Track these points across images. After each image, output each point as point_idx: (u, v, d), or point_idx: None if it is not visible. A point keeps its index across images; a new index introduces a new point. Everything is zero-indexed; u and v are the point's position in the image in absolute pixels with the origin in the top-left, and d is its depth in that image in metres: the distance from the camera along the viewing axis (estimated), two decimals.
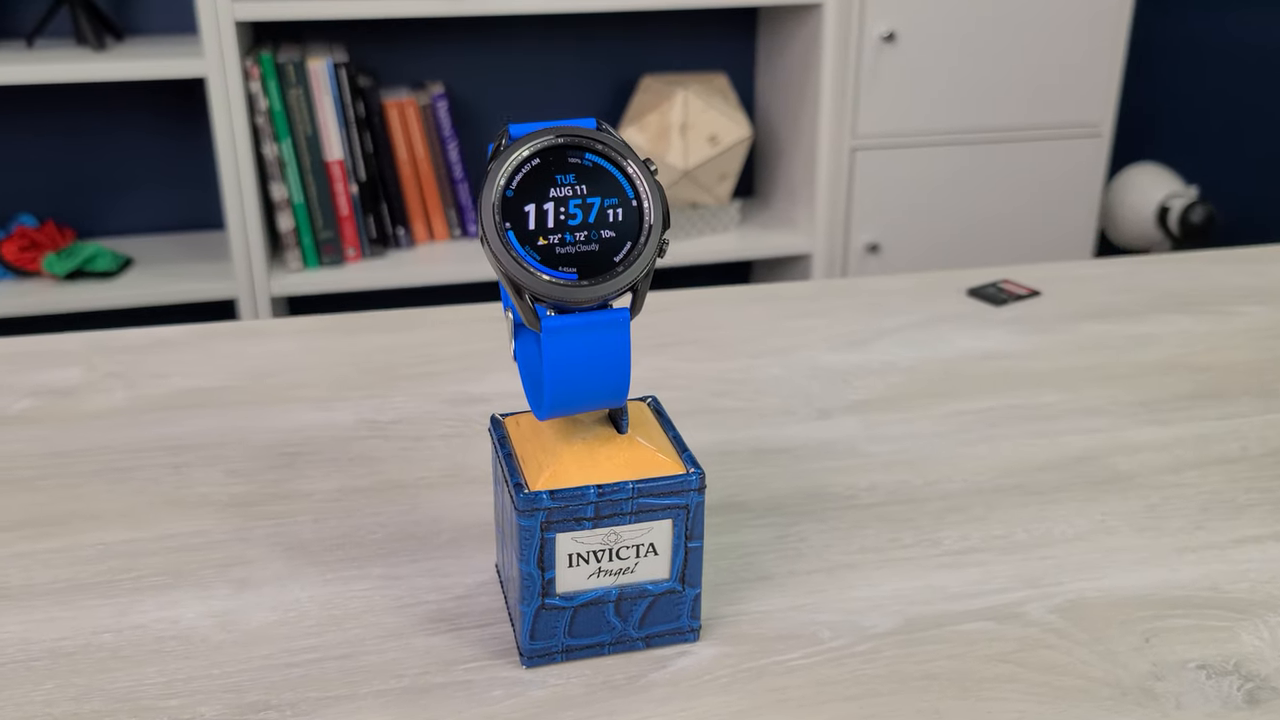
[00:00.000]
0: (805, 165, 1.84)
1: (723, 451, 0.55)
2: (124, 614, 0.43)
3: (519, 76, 1.92)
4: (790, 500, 0.51)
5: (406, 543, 0.48)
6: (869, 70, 1.75)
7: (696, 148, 1.77)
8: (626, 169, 0.37)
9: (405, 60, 1.87)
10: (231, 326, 0.68)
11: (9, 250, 1.71)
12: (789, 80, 1.87)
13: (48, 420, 0.58)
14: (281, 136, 1.69)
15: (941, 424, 0.58)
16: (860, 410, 0.60)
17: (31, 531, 0.48)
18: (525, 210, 0.36)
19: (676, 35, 1.94)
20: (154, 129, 1.83)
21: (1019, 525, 0.50)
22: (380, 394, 0.61)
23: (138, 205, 1.88)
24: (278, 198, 1.72)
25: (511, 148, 0.37)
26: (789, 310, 0.72)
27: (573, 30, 1.91)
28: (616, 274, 0.37)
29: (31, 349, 0.65)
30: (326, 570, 0.46)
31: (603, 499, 0.39)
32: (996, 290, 0.75)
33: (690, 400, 0.60)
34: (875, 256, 1.86)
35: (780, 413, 0.59)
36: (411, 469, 0.53)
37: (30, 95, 1.76)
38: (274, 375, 0.62)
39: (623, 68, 1.94)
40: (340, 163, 1.73)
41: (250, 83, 1.64)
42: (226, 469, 0.53)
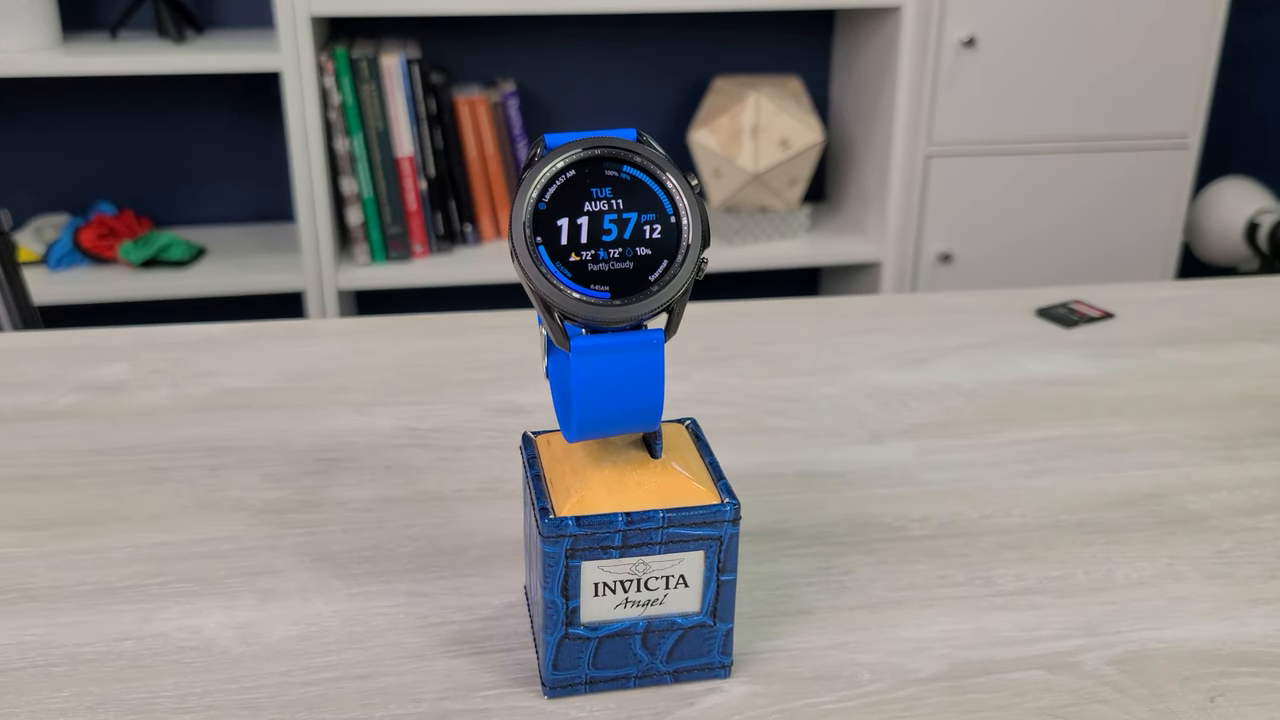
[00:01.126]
0: (878, 171, 1.81)
1: (769, 474, 0.53)
2: (147, 621, 0.43)
3: (590, 75, 1.91)
4: (836, 529, 0.49)
5: (436, 558, 0.47)
6: (947, 75, 1.71)
7: (767, 151, 1.75)
8: (666, 183, 0.36)
9: (478, 57, 1.87)
10: (279, 326, 0.68)
11: (87, 237, 1.74)
12: (864, 84, 1.84)
13: (92, 416, 0.57)
14: (353, 131, 1.70)
15: (1001, 453, 0.56)
16: (916, 435, 0.57)
17: (63, 531, 0.48)
18: (558, 224, 0.35)
19: (750, 37, 1.92)
20: (230, 121, 1.86)
21: (1079, 566, 0.47)
22: (423, 400, 0.59)
23: (212, 196, 1.90)
24: (348, 192, 1.73)
25: (546, 158, 0.35)
26: (848, 326, 0.70)
27: (646, 30, 1.89)
28: (651, 294, 0.35)
29: (83, 342, 0.66)
30: (353, 584, 0.45)
31: (631, 527, 0.37)
32: (1067, 311, 0.71)
33: (740, 418, 0.58)
34: (947, 266, 1.81)
35: (832, 435, 0.57)
36: (448, 480, 0.52)
37: (113, 86, 1.80)
38: (318, 377, 0.62)
39: (695, 69, 1.92)
40: (410, 159, 1.74)
41: (324, 77, 1.66)
42: (263, 473, 0.53)
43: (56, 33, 1.67)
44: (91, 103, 1.82)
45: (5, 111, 1.81)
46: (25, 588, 0.44)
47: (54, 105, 1.81)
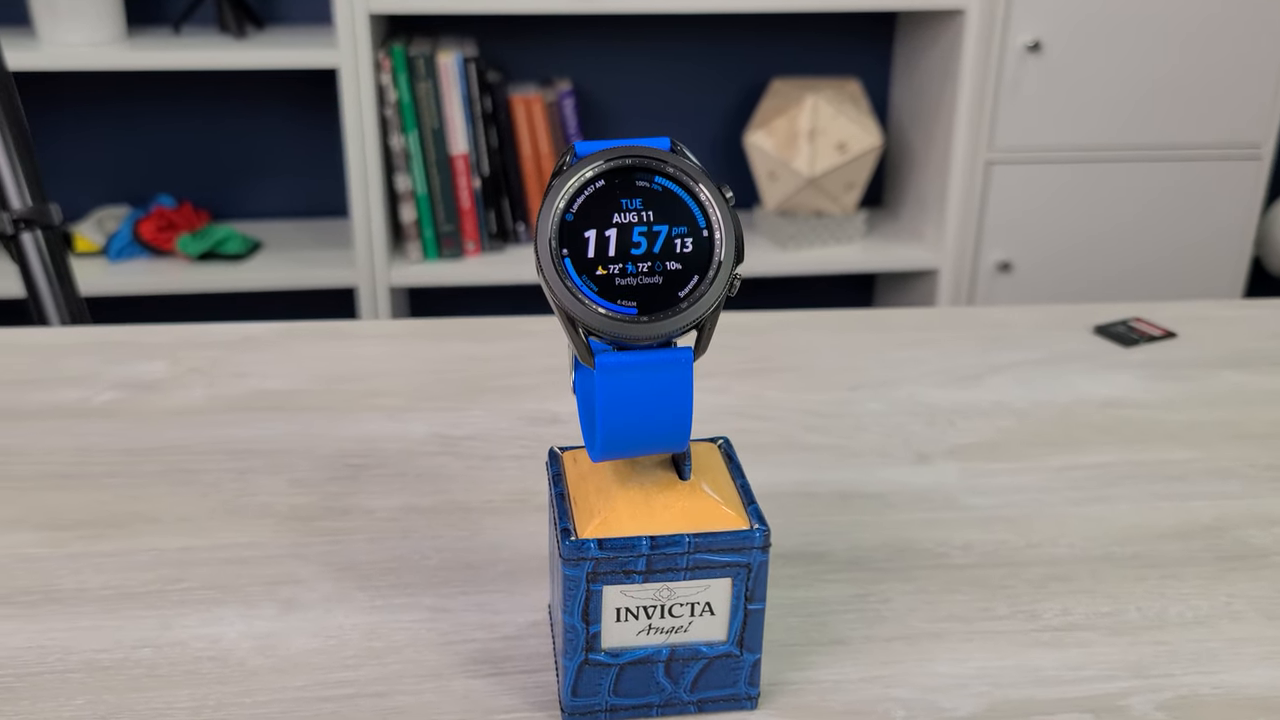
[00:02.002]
0: (937, 177, 1.77)
1: (806, 493, 0.51)
2: (166, 628, 0.42)
3: (647, 76, 1.90)
4: (875, 554, 0.47)
5: (461, 572, 0.46)
6: (1010, 80, 1.67)
7: (824, 155, 1.72)
8: (699, 195, 0.34)
9: (534, 56, 1.87)
10: (318, 326, 0.67)
11: (147, 229, 1.77)
12: (925, 88, 1.80)
13: (127, 414, 0.57)
14: (408, 129, 1.70)
15: (1052, 478, 0.53)
16: (963, 456, 0.55)
17: (90, 532, 0.48)
18: (585, 236, 0.34)
19: (809, 39, 1.89)
20: (288, 116, 1.87)
21: (1131, 602, 0.45)
22: (457, 407, 0.59)
23: (269, 190, 1.92)
24: (402, 189, 1.74)
25: (575, 167, 0.34)
26: (897, 339, 0.68)
27: (703, 31, 1.87)
28: (679, 310, 0.33)
29: (124, 339, 0.66)
30: (376, 596, 0.44)
31: (655, 552, 0.36)
32: (1127, 329, 0.69)
33: (779, 433, 0.57)
34: (1006, 275, 1.78)
35: (874, 453, 0.55)
36: (477, 490, 0.51)
37: (175, 80, 1.82)
38: (352, 380, 0.61)
39: (753, 70, 1.90)
40: (464, 156, 1.74)
41: (381, 74, 1.66)
42: (291, 478, 0.52)
43: (121, 27, 1.69)
44: (154, 96, 1.84)
45: (70, 104, 1.84)
46: (49, 589, 0.44)
47: (117, 99, 1.84)
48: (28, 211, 0.78)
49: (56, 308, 0.79)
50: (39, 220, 0.78)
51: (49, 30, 1.64)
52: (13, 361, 0.63)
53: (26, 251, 0.79)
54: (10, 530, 0.48)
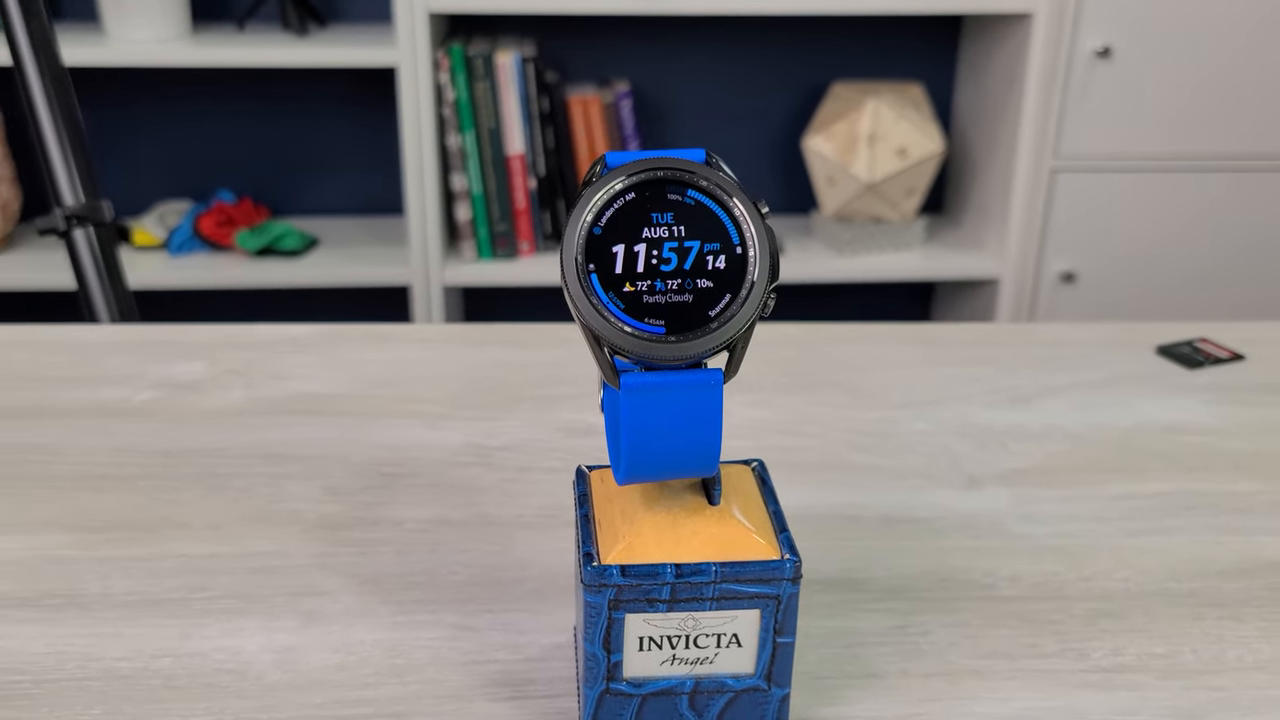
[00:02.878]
0: (1000, 185, 1.74)
1: (848, 516, 0.50)
2: (187, 638, 0.41)
3: (706, 77, 1.88)
4: (917, 583, 0.45)
5: (488, 588, 0.44)
6: (1078, 87, 1.63)
7: (884, 160, 1.69)
8: (733, 210, 0.33)
9: (593, 57, 1.86)
10: (359, 330, 0.67)
11: (207, 224, 1.79)
12: (990, 93, 1.77)
13: (164, 415, 0.57)
14: (465, 128, 1.70)
15: (1108, 507, 0.51)
16: (1014, 481, 0.53)
17: (119, 535, 0.47)
18: (613, 251, 0.32)
19: (871, 42, 1.86)
20: (348, 114, 1.89)
21: (1187, 643, 0.42)
22: (494, 415, 0.58)
23: (327, 187, 1.93)
24: (457, 188, 1.74)
25: (605, 179, 0.33)
26: (948, 355, 0.66)
27: (764, 33, 1.85)
28: (709, 331, 0.32)
29: (167, 338, 0.66)
30: (399, 611, 0.43)
31: (681, 580, 0.34)
32: (1192, 350, 0.66)
33: (822, 452, 0.55)
34: (1069, 287, 1.73)
35: (921, 476, 0.53)
36: (510, 504, 0.50)
37: (238, 77, 1.84)
38: (391, 386, 0.60)
39: (813, 73, 1.87)
40: (521, 157, 1.74)
41: (439, 74, 1.66)
42: (323, 485, 0.51)
43: (187, 24, 1.71)
44: (217, 92, 1.86)
45: (136, 100, 1.87)
46: (74, 594, 0.44)
47: (182, 94, 1.86)
48: (80, 208, 0.79)
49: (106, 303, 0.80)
50: (91, 217, 0.79)
51: (116, 27, 1.66)
52: (58, 359, 0.63)
53: (78, 247, 0.80)
54: (43, 531, 0.48)
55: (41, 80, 0.78)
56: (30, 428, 0.56)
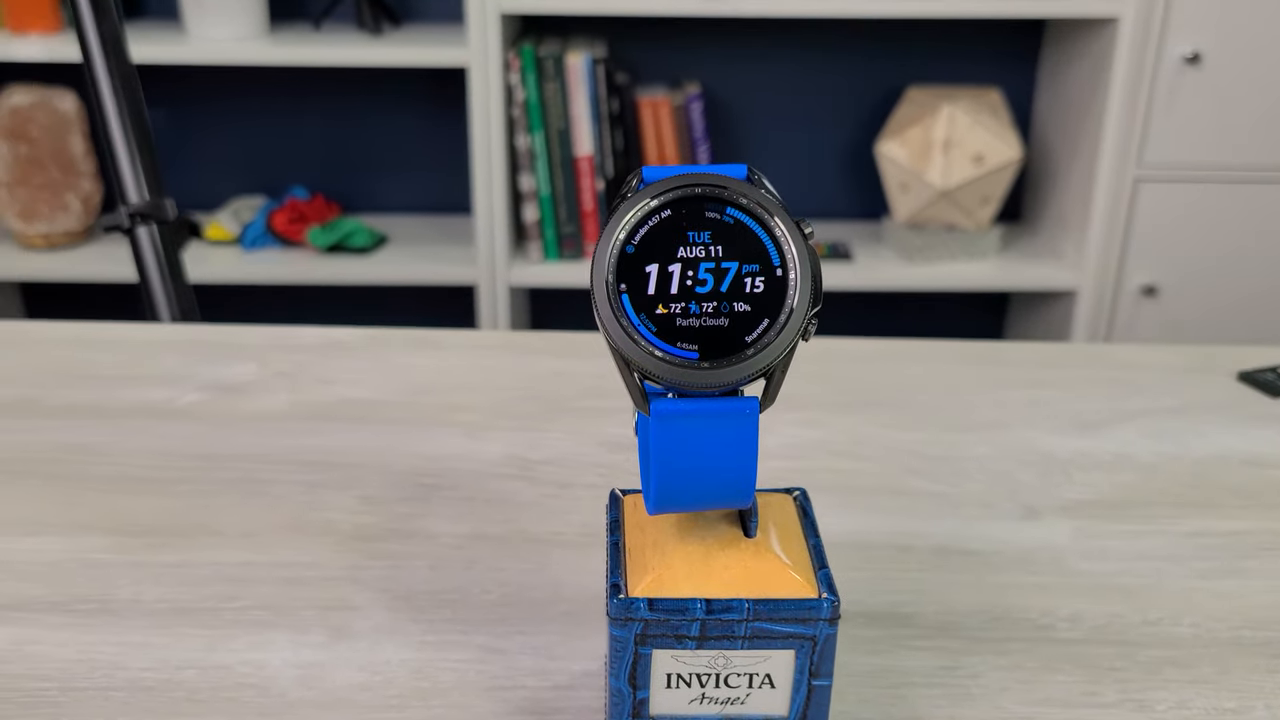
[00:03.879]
0: (1080, 194, 1.68)
1: (900, 546, 0.48)
2: (213, 649, 0.41)
3: (778, 81, 1.86)
4: (969, 620, 0.43)
5: (520, 609, 0.43)
6: (1165, 94, 1.57)
7: (959, 167, 1.65)
8: (775, 230, 0.31)
9: (665, 58, 1.85)
10: (407, 334, 0.66)
11: (279, 220, 1.81)
12: (1072, 99, 1.71)
13: (209, 418, 0.57)
14: (534, 129, 1.70)
15: (1179, 544, 0.48)
16: (1077, 513, 0.50)
17: (154, 540, 0.47)
18: (646, 271, 0.31)
19: (949, 46, 1.82)
20: (419, 113, 1.90)
21: (1259, 698, 0.39)
22: (537, 427, 0.56)
23: (397, 185, 1.95)
24: (525, 189, 1.74)
25: (640, 194, 0.31)
26: (1015, 376, 0.63)
27: (838, 36, 1.82)
28: (745, 357, 0.30)
29: (218, 339, 0.66)
30: (429, 630, 0.42)
31: (711, 617, 0.32)
32: (1276, 377, 0.62)
33: (876, 475, 0.53)
34: (1150, 300, 1.68)
35: (978, 504, 0.51)
36: (548, 520, 0.49)
37: (313, 75, 1.86)
38: (435, 393, 0.60)
39: (888, 77, 1.84)
40: (589, 158, 1.73)
41: (509, 74, 1.66)
42: (360, 494, 0.50)
43: (264, 23, 1.73)
44: (293, 90, 1.88)
45: (214, 97, 1.90)
46: (106, 599, 0.43)
47: (258, 92, 1.89)
48: (144, 206, 0.79)
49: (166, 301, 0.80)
50: (154, 215, 0.80)
51: (197, 25, 1.69)
52: (111, 357, 0.63)
53: (141, 245, 0.80)
54: (80, 533, 0.47)
55: (110, 79, 0.79)
56: (78, 426, 0.56)
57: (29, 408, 0.57)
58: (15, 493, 0.50)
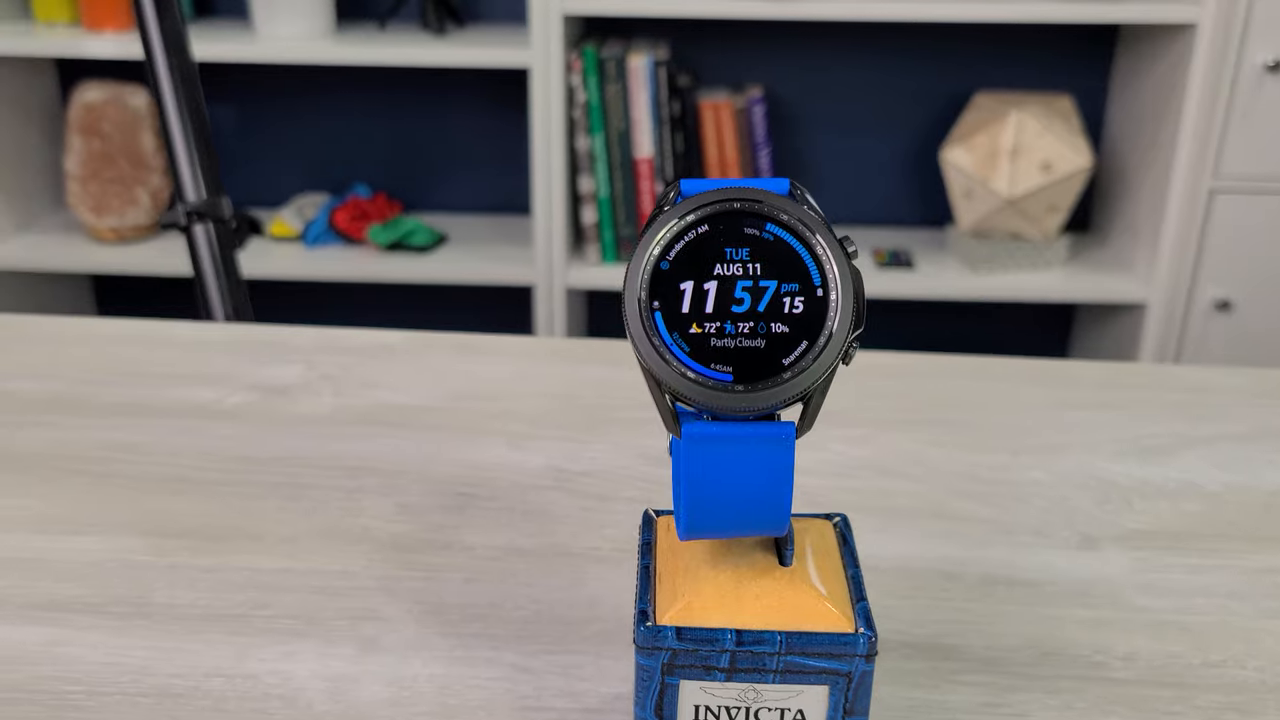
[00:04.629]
0: (1152, 204, 1.64)
1: (946, 573, 0.46)
2: (242, 658, 0.40)
3: (842, 85, 1.83)
4: (1017, 655, 0.41)
5: (553, 627, 0.42)
6: (1244, 102, 1.52)
7: (1026, 175, 1.62)
8: (816, 248, 0.30)
9: (727, 61, 1.83)
10: (454, 339, 0.66)
11: (341, 218, 1.82)
12: (1146, 107, 1.67)
13: (254, 419, 0.57)
14: (595, 130, 1.70)
15: (1245, 581, 0.46)
16: (1137, 544, 0.48)
17: (193, 543, 0.47)
18: (681, 288, 0.30)
19: (1019, 51, 1.78)
20: (481, 113, 1.90)
21: None
22: (579, 437, 0.55)
23: (458, 184, 1.95)
24: (584, 190, 1.73)
25: (676, 209, 0.30)
26: (1075, 396, 0.61)
27: (904, 40, 1.79)
28: (781, 381, 0.29)
29: (266, 339, 0.66)
30: (458, 645, 0.41)
31: (741, 649, 0.31)
32: None
33: (923, 497, 0.51)
34: (1224, 315, 1.62)
35: (1032, 532, 0.49)
36: (585, 535, 0.48)
37: (378, 74, 1.87)
38: (479, 400, 0.59)
39: (954, 82, 1.80)
40: (649, 160, 1.72)
41: (571, 75, 1.66)
42: (398, 501, 0.50)
43: (331, 22, 1.75)
44: (358, 89, 1.90)
45: (280, 95, 1.92)
46: (141, 602, 0.43)
47: (324, 90, 1.90)
48: (200, 204, 0.80)
49: (220, 299, 0.81)
50: (211, 213, 0.80)
51: (265, 24, 1.71)
52: (161, 355, 0.64)
53: (197, 243, 0.81)
54: (120, 534, 0.47)
55: (171, 77, 0.80)
56: (124, 425, 0.56)
57: (78, 404, 0.58)
58: (60, 490, 0.50)
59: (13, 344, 0.65)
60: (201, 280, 0.81)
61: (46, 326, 0.67)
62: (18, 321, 0.68)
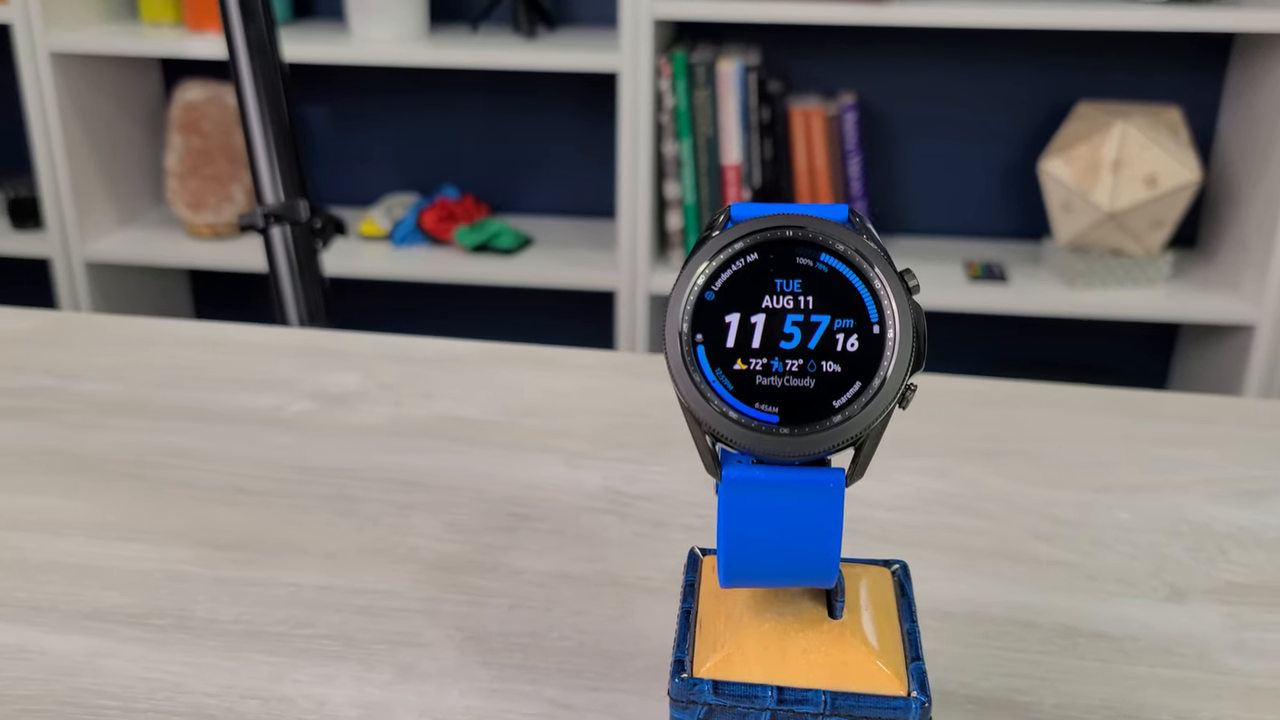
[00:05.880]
0: (1264, 221, 1.56)
1: (1020, 621, 0.43)
2: (279, 679, 0.39)
3: (937, 92, 1.79)
4: (1094, 716, 0.38)
5: (596, 661, 0.41)
6: None
7: (1128, 188, 1.55)
8: (874, 282, 0.27)
9: (820, 66, 1.80)
10: (520, 351, 0.64)
11: (429, 218, 1.84)
12: (1259, 120, 1.59)
13: (313, 428, 0.56)
14: (682, 136, 1.68)
15: None
16: (1232, 598, 0.44)
17: (240, 555, 0.46)
18: (726, 321, 0.28)
19: (1125, 60, 1.71)
20: (569, 116, 1.90)
21: None
22: (638, 459, 0.54)
23: (545, 187, 1.95)
24: (670, 196, 1.72)
25: (724, 235, 0.28)
26: (1170, 431, 0.57)
27: (1004, 47, 1.74)
28: (830, 425, 0.27)
29: (330, 345, 0.65)
30: (497, 677, 0.40)
31: (782, 708, 0.29)
32: None
33: (999, 536, 0.48)
34: None
35: (1115, 579, 0.45)
36: (636, 563, 0.46)
37: (469, 76, 1.88)
38: (540, 416, 0.58)
39: (1056, 91, 1.74)
40: (736, 167, 1.70)
41: (660, 80, 1.65)
42: (448, 520, 0.49)
43: (425, 24, 1.76)
44: (449, 91, 1.91)
45: (372, 96, 1.94)
46: (183, 615, 0.43)
47: (416, 92, 1.92)
48: (278, 207, 0.80)
49: (295, 302, 0.81)
50: (288, 216, 0.81)
51: (360, 25, 1.73)
52: (227, 359, 0.64)
53: (273, 245, 0.81)
54: (171, 543, 0.47)
55: (254, 81, 0.80)
56: (184, 429, 0.56)
57: (140, 408, 0.58)
58: (115, 495, 0.50)
59: (86, 343, 0.65)
60: (277, 282, 0.82)
61: (118, 327, 0.68)
62: (93, 321, 0.69)
